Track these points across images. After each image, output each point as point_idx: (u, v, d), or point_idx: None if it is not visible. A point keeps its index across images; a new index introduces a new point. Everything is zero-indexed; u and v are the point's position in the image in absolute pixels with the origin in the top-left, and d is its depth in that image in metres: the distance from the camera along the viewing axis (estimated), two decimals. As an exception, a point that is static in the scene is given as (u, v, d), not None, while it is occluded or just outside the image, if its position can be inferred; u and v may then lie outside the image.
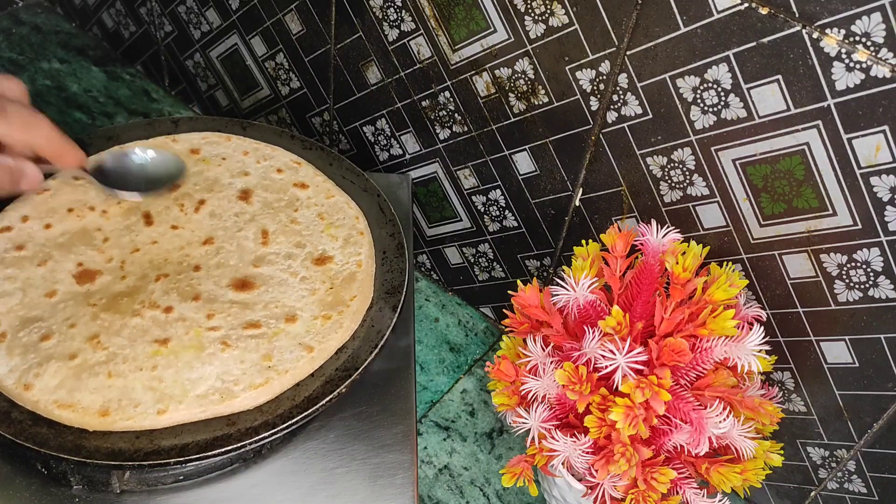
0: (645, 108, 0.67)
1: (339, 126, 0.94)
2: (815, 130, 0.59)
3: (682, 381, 0.63)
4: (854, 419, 0.68)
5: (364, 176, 0.82)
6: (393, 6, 0.78)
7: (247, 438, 0.61)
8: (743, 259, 0.68)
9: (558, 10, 0.67)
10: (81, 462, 0.59)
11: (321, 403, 0.64)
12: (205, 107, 1.09)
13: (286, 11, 0.89)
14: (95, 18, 1.15)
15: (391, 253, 0.76)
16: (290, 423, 0.63)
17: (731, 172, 0.65)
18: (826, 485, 0.74)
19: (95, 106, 1.08)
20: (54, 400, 0.61)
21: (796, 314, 0.67)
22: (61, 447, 0.59)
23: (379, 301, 0.72)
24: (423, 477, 0.80)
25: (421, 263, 0.97)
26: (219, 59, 1.02)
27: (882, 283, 0.61)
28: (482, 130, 0.80)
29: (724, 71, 0.61)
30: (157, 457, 0.60)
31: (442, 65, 0.78)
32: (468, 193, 0.86)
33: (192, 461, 0.60)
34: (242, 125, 0.84)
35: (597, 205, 0.76)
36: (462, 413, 0.86)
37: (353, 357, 0.67)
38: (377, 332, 0.69)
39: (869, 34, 0.53)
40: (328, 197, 0.78)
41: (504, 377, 0.67)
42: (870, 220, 0.59)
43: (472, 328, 0.93)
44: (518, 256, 0.87)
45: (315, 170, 0.81)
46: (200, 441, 0.61)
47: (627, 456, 0.60)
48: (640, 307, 0.64)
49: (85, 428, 0.61)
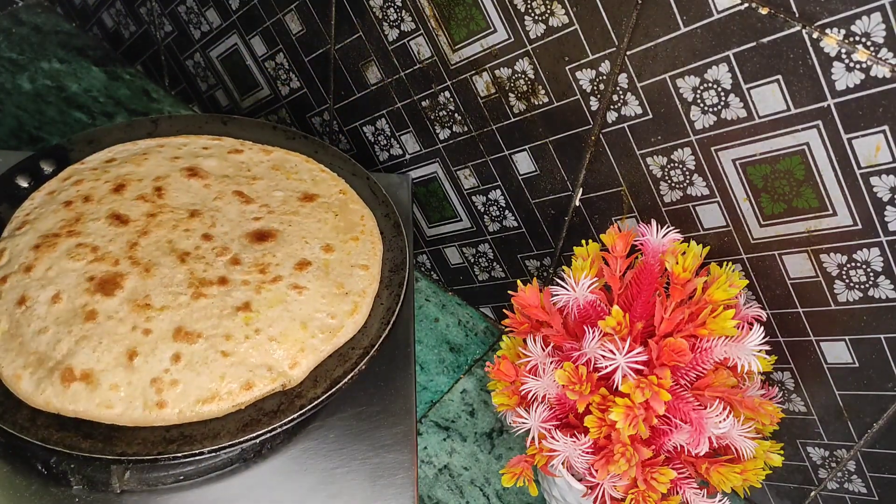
0: (645, 108, 0.67)
1: (339, 126, 0.94)
2: (815, 130, 0.59)
3: (682, 381, 0.63)
4: (854, 419, 0.68)
5: (351, 161, 0.82)
6: (393, 6, 0.78)
7: (275, 422, 0.62)
8: (743, 259, 0.68)
9: (558, 10, 0.67)
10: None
11: (343, 382, 0.65)
12: (205, 107, 1.09)
13: (286, 11, 0.89)
14: (95, 18, 1.15)
15: (389, 233, 0.76)
16: (316, 403, 0.64)
17: (731, 172, 0.65)
18: (826, 485, 0.74)
19: (95, 106, 1.08)
20: (195, 401, 0.62)
21: (796, 314, 0.67)
22: (92, 448, 0.60)
23: (384, 279, 0.73)
24: (423, 477, 0.80)
25: (421, 263, 0.97)
26: (219, 59, 1.02)
27: (882, 283, 0.61)
28: (482, 130, 0.80)
29: (724, 71, 0.61)
30: (189, 447, 0.60)
31: (442, 65, 0.78)
32: (468, 193, 0.86)
33: (224, 449, 0.61)
34: (223, 120, 0.85)
35: (597, 205, 0.76)
36: (462, 413, 0.86)
37: (366, 334, 0.68)
38: (387, 308, 0.70)
39: (869, 34, 0.53)
40: (266, 153, 0.80)
41: (504, 377, 0.68)
42: (870, 220, 0.59)
43: (472, 328, 0.93)
44: (518, 256, 0.87)
45: (261, 146, 0.82)
46: (231, 428, 0.62)
47: (627, 456, 0.60)
48: (640, 307, 0.64)
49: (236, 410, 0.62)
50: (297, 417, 0.63)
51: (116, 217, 0.72)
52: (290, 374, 0.65)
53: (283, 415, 0.63)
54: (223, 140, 0.82)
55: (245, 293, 0.67)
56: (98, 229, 0.71)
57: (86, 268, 0.68)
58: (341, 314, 0.68)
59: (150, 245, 0.70)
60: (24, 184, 0.76)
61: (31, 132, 1.04)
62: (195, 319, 0.65)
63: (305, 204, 0.75)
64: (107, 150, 0.80)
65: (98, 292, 0.66)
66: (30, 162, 0.78)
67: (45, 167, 0.77)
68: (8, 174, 0.76)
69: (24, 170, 0.77)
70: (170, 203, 0.74)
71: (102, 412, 0.61)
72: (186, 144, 0.81)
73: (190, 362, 0.63)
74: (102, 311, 0.65)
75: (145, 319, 0.65)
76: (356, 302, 0.69)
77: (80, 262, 0.68)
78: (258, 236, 0.72)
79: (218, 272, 0.69)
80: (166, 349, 0.64)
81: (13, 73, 1.10)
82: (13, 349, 0.64)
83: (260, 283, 0.68)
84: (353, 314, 0.68)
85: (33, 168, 0.77)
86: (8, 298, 0.66)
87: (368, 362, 0.67)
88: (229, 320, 0.66)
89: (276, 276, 0.69)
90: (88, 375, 0.62)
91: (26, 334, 0.64)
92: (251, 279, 0.68)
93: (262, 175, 0.78)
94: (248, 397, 0.63)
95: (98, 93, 1.10)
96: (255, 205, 0.75)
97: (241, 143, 0.82)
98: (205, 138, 0.82)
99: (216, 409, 0.62)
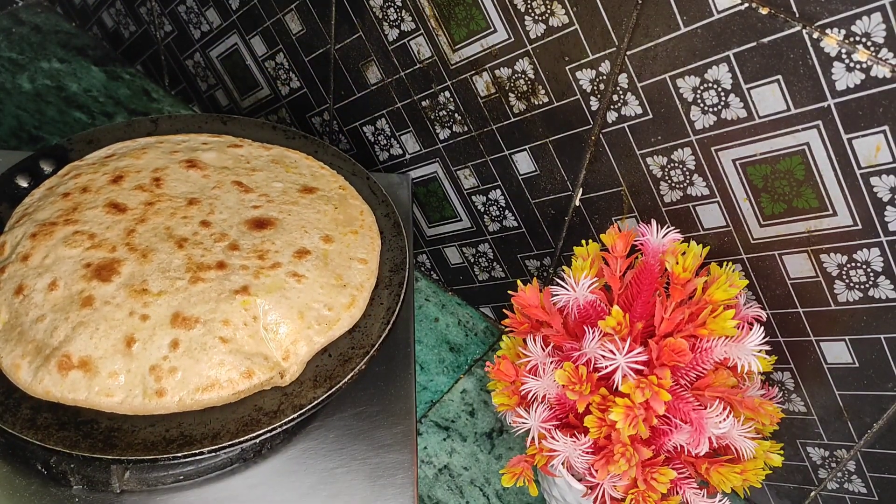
0: (645, 108, 0.67)
1: (339, 126, 0.94)
2: (816, 130, 0.59)
3: (682, 381, 0.63)
4: (854, 419, 0.68)
5: (351, 161, 0.82)
6: (393, 6, 0.78)
7: (275, 422, 0.62)
8: (743, 259, 0.68)
9: (558, 10, 0.67)
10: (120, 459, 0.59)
11: (343, 382, 0.65)
12: (205, 107, 1.09)
13: (286, 11, 0.89)
14: (95, 18, 1.15)
15: (389, 232, 0.76)
16: (315, 403, 0.63)
17: (731, 172, 0.65)
18: (826, 485, 0.74)
19: (95, 106, 1.08)
20: (195, 388, 0.62)
21: (796, 314, 0.67)
22: (92, 447, 0.60)
23: (384, 279, 0.72)
24: (423, 477, 0.80)
25: (421, 263, 0.97)
26: (219, 59, 1.01)
27: (882, 283, 0.61)
28: (482, 130, 0.80)
29: (724, 71, 0.61)
30: (189, 447, 0.60)
31: (442, 65, 0.78)
32: (468, 193, 0.86)
33: (224, 449, 0.61)
34: (223, 120, 0.85)
35: (597, 205, 0.76)
36: (462, 413, 0.86)
37: (366, 334, 0.68)
38: (387, 308, 0.70)
39: (869, 34, 0.53)
40: (266, 149, 0.80)
41: (504, 377, 0.67)
42: (870, 221, 0.59)
43: (472, 328, 0.93)
44: (518, 256, 0.87)
45: (261, 143, 0.82)
46: (231, 428, 0.61)
47: (627, 456, 0.60)
48: (640, 307, 0.64)
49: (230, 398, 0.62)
50: (297, 417, 0.63)
51: (114, 206, 0.71)
52: (283, 366, 0.65)
53: (282, 415, 0.63)
54: (223, 137, 0.82)
55: (244, 277, 0.67)
56: (95, 217, 0.70)
57: (82, 255, 0.67)
58: (338, 306, 0.68)
59: (147, 232, 0.70)
60: (23, 183, 0.76)
61: (31, 132, 1.04)
62: (193, 304, 0.65)
63: (305, 195, 0.75)
64: (106, 147, 0.80)
65: (95, 278, 0.65)
66: (30, 162, 0.78)
67: (45, 167, 0.77)
68: (8, 174, 0.76)
69: (24, 170, 0.77)
70: (168, 192, 0.74)
71: (102, 400, 0.61)
72: (186, 141, 0.81)
73: (189, 349, 0.63)
74: (99, 296, 0.65)
75: (143, 305, 0.64)
76: (353, 295, 0.69)
77: (76, 249, 0.68)
78: (257, 224, 0.71)
79: (216, 257, 0.68)
80: (164, 335, 0.63)
81: (13, 73, 1.10)
82: (13, 339, 0.64)
83: (259, 269, 0.68)
84: (350, 308, 0.68)
85: (33, 168, 0.77)
86: (6, 288, 0.66)
87: (368, 362, 0.66)
88: (227, 304, 0.65)
89: (275, 263, 0.68)
90: (86, 363, 0.62)
91: (25, 323, 0.64)
92: (250, 264, 0.68)
93: (261, 167, 0.78)
94: (247, 385, 0.63)
95: (98, 93, 1.10)
96: (254, 194, 0.74)
97: (241, 140, 0.82)
98: (205, 136, 0.82)
99: (216, 398, 0.62)
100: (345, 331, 0.68)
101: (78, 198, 0.72)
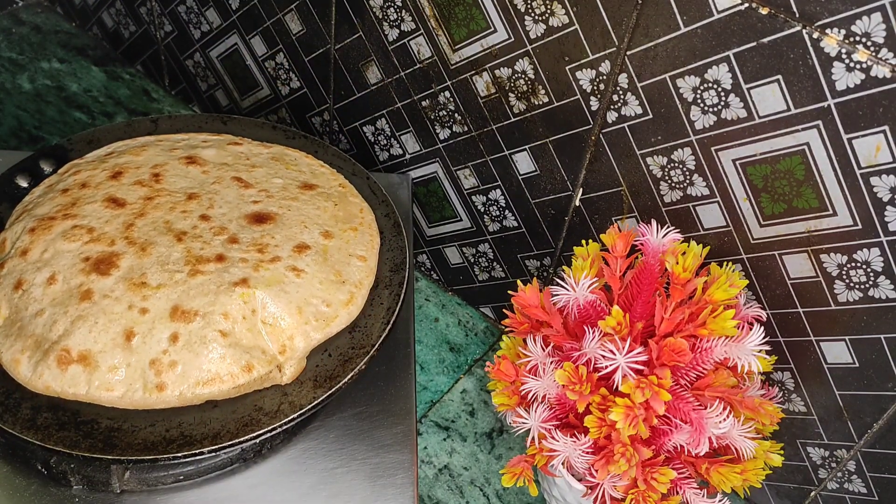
0: (645, 108, 0.67)
1: (339, 126, 0.94)
2: (816, 130, 0.59)
3: (682, 381, 0.63)
4: (854, 419, 0.68)
5: (351, 161, 0.82)
6: (393, 6, 0.78)
7: (275, 422, 0.62)
8: (743, 259, 0.68)
9: (558, 10, 0.67)
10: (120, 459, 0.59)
11: (343, 382, 0.65)
12: (205, 107, 1.09)
13: (286, 11, 0.89)
14: (95, 18, 1.15)
15: (389, 232, 0.76)
16: (316, 403, 0.63)
17: (731, 172, 0.65)
18: (826, 485, 0.74)
19: (95, 106, 1.08)
20: (195, 383, 0.61)
21: (796, 314, 0.67)
22: (92, 447, 0.60)
23: (384, 279, 0.72)
24: (423, 477, 0.80)
25: (421, 263, 0.97)
26: (219, 59, 1.01)
27: (882, 283, 0.61)
28: (482, 130, 0.80)
29: (724, 71, 0.61)
30: (189, 447, 0.60)
31: (442, 65, 0.78)
32: (468, 193, 0.86)
33: (224, 449, 0.61)
34: (223, 120, 0.85)
35: (597, 205, 0.76)
36: (462, 413, 0.85)
37: (367, 334, 0.68)
38: (387, 308, 0.70)
39: (869, 34, 0.53)
40: (266, 148, 0.80)
41: (504, 377, 0.67)
42: (870, 220, 0.59)
43: (472, 328, 0.93)
44: (518, 256, 0.87)
45: (261, 142, 0.82)
46: (231, 428, 0.61)
47: (627, 456, 0.60)
48: (640, 307, 0.64)
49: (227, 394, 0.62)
50: (297, 418, 0.63)
51: (113, 200, 0.71)
52: (279, 359, 0.65)
53: (282, 415, 0.63)
54: (223, 136, 0.82)
55: (243, 270, 0.67)
56: (94, 211, 0.70)
57: (81, 248, 0.67)
58: (336, 303, 0.68)
59: (146, 225, 0.69)
60: (23, 183, 0.76)
61: (31, 132, 1.04)
62: (192, 297, 0.65)
63: (305, 192, 0.75)
64: (106, 146, 0.80)
65: (93, 272, 0.65)
66: (30, 162, 0.78)
67: (45, 167, 0.77)
68: (8, 174, 0.76)
69: (24, 170, 0.77)
70: (167, 187, 0.74)
71: (102, 395, 0.61)
72: (186, 139, 0.81)
73: (188, 342, 0.63)
74: (98, 290, 0.64)
75: (142, 298, 0.64)
76: (352, 292, 0.69)
77: (75, 242, 0.67)
78: (257, 218, 0.71)
79: (215, 250, 0.68)
80: (164, 329, 0.63)
81: (13, 73, 1.10)
82: (13, 334, 0.64)
83: (258, 262, 0.68)
84: (349, 305, 0.68)
85: (33, 168, 0.77)
86: (6, 284, 0.66)
87: (368, 362, 0.66)
88: (226, 296, 0.65)
89: (274, 257, 0.68)
90: (86, 357, 0.62)
91: (24, 318, 0.64)
92: (249, 257, 0.68)
93: (261, 164, 0.78)
94: (247, 379, 0.63)
95: (98, 92, 1.10)
96: (253, 189, 0.74)
97: (241, 139, 0.82)
98: (204, 134, 0.82)
99: (217, 392, 0.62)
100: (342, 328, 0.68)
101: (77, 193, 0.72)
